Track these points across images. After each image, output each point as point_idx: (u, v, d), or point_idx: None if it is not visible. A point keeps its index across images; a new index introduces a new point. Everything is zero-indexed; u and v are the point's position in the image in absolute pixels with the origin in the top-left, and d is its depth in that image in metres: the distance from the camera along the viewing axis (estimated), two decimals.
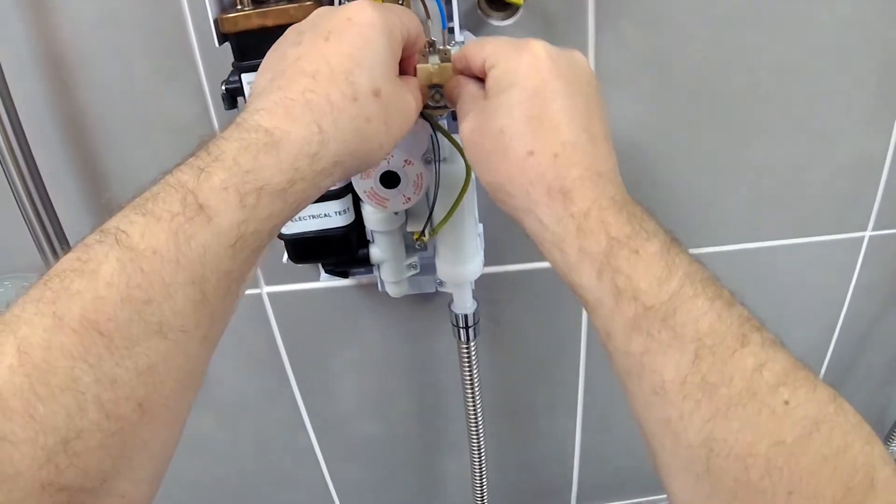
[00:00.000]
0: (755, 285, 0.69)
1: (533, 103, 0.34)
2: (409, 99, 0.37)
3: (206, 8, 0.44)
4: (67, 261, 0.27)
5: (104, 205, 0.63)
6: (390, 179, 0.48)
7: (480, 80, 0.39)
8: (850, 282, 0.71)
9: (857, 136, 0.62)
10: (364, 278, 0.66)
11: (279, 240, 0.53)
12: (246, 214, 0.29)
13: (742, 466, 0.27)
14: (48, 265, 0.59)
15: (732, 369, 0.28)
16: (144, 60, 0.56)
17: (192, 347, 0.28)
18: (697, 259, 0.31)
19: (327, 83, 0.33)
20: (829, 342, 0.76)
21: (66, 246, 0.60)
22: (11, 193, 0.57)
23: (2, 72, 0.52)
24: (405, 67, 0.41)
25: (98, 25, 0.54)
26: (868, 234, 0.68)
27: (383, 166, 0.47)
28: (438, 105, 0.43)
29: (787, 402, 0.27)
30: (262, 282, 0.68)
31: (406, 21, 0.37)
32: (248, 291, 0.67)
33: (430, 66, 0.41)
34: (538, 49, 0.36)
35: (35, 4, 0.54)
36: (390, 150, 0.37)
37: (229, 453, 0.82)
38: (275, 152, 0.30)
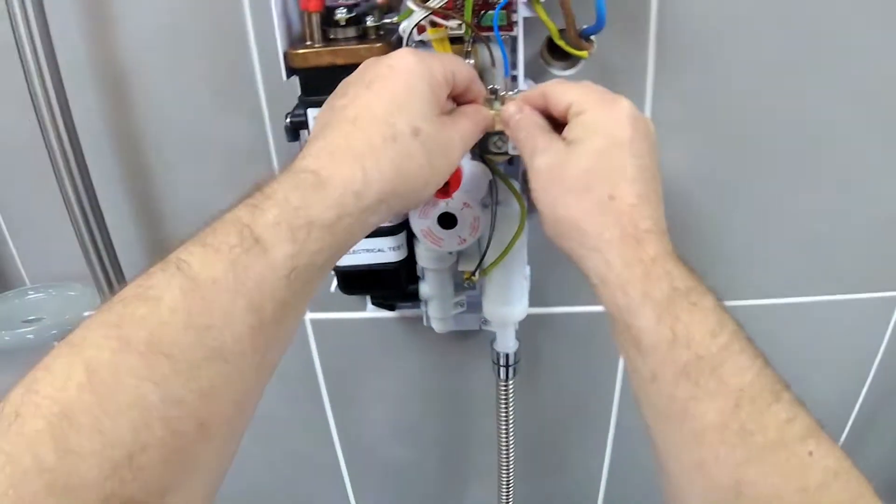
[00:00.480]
0: (788, 336, 0.69)
1: (619, 153, 0.37)
2: (452, 137, 0.38)
3: (270, 33, 0.45)
4: (131, 288, 0.28)
5: (162, 239, 0.64)
6: (448, 220, 0.48)
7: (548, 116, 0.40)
8: (884, 338, 0.71)
9: None
10: (409, 312, 0.66)
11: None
12: (297, 248, 0.30)
13: None
14: (94, 275, 0.61)
15: (768, 419, 0.30)
16: (204, 82, 0.57)
17: (249, 373, 0.29)
18: (739, 320, 0.34)
19: (368, 127, 0.34)
20: (858, 395, 0.76)
21: (113, 256, 0.61)
22: (63, 203, 0.58)
23: (62, 84, 0.54)
24: None
25: (160, 44, 0.55)
26: None
27: (442, 207, 0.48)
28: (500, 151, 0.44)
29: (811, 454, 0.30)
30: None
31: (449, 66, 0.38)
32: None
33: (493, 111, 0.42)
34: (627, 105, 0.38)
35: (97, 21, 0.55)
36: (435, 188, 0.38)
37: (258, 469, 0.82)
38: (322, 190, 0.32)
